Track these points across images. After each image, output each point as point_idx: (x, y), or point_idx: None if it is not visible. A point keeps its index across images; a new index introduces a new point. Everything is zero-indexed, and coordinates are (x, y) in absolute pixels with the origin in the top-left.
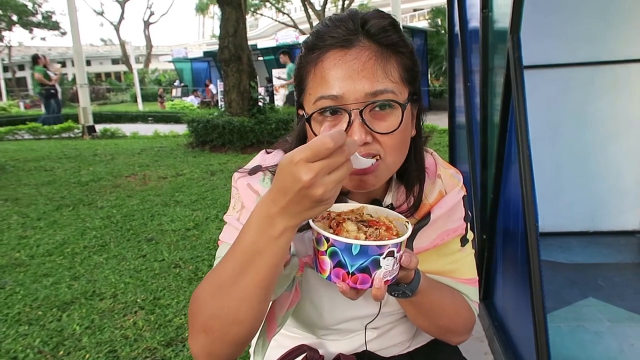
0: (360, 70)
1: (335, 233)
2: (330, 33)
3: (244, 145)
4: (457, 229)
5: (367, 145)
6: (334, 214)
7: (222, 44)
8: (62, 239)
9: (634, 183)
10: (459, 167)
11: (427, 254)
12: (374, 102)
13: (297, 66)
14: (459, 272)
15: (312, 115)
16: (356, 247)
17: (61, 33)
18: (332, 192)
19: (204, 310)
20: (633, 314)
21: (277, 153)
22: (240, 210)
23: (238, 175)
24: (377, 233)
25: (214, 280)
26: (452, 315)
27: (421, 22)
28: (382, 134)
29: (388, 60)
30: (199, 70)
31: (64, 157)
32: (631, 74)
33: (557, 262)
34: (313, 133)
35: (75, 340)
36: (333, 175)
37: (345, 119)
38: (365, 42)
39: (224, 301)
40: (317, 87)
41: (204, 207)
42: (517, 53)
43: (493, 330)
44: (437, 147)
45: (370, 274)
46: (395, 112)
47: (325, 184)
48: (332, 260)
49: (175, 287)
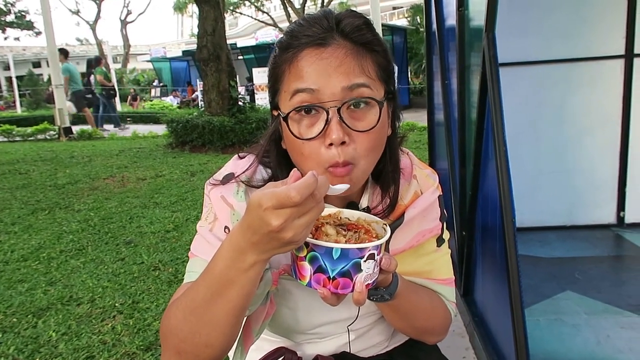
0: (337, 66)
1: (315, 237)
2: (304, 32)
3: (225, 145)
4: (432, 230)
5: (343, 145)
6: None
7: (201, 43)
8: (37, 243)
9: (610, 177)
10: (439, 165)
11: (403, 255)
12: (351, 100)
13: (271, 66)
14: (435, 272)
15: (289, 114)
16: (337, 250)
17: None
18: (303, 234)
19: (176, 332)
20: (609, 306)
21: (249, 158)
22: (213, 222)
23: (211, 186)
24: (357, 236)
25: (186, 305)
26: (430, 317)
27: (401, 20)
28: (360, 131)
29: (364, 57)
30: (178, 70)
31: (39, 160)
32: (606, 70)
33: (536, 257)
34: (290, 132)
35: (52, 347)
36: (303, 219)
37: (323, 118)
38: (341, 41)
39: (195, 326)
40: (292, 83)
41: (184, 208)
42: (493, 51)
43: (473, 326)
44: (417, 145)
45: (351, 278)
46: (372, 110)
47: (295, 228)
48: (312, 266)
49: (154, 290)
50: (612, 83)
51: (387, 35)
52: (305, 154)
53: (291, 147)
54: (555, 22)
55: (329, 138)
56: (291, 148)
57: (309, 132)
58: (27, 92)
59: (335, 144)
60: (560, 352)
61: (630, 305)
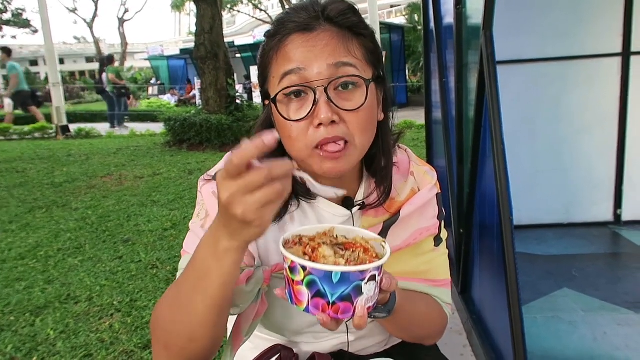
0: (323, 47)
1: (312, 260)
2: (291, 19)
3: (222, 144)
4: (430, 228)
5: (333, 125)
6: (306, 239)
7: (198, 41)
8: (35, 241)
9: (606, 175)
10: (436, 162)
11: (400, 253)
12: (338, 78)
13: (260, 55)
14: (432, 273)
15: (277, 97)
16: (337, 274)
17: (32, 31)
18: (257, 214)
19: (163, 325)
20: (605, 303)
21: None
22: (205, 218)
23: (203, 182)
24: (356, 256)
25: (170, 297)
26: (427, 324)
27: (398, 19)
28: (349, 111)
29: (349, 40)
30: (176, 68)
31: (36, 158)
32: (602, 68)
33: (534, 254)
34: (280, 115)
35: (50, 346)
36: (254, 196)
37: (311, 99)
38: (327, 26)
39: (178, 316)
40: (279, 67)
41: (181, 206)
42: (490, 49)
43: (471, 323)
44: (415, 143)
45: (352, 302)
46: (360, 90)
47: (244, 204)
48: (310, 290)
49: (152, 289)
50: (609, 81)
51: (385, 34)
52: (293, 136)
53: (281, 132)
54: (552, 20)
55: (317, 118)
56: (281, 133)
57: (298, 114)
58: None
59: (324, 124)
60: (557, 349)
61: (627, 302)
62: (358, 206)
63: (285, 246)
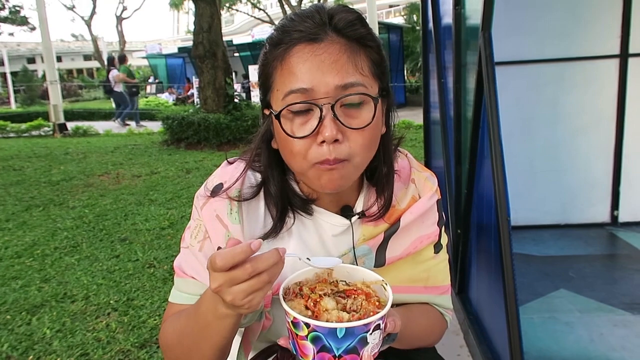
0: (330, 64)
1: (315, 315)
2: (296, 27)
3: (220, 143)
4: (430, 235)
5: (336, 143)
6: (307, 290)
7: (197, 40)
8: (31, 240)
9: (603, 176)
10: (434, 163)
11: (400, 262)
12: (346, 96)
13: (262, 63)
14: (432, 280)
15: (281, 112)
16: (341, 330)
17: (30, 28)
18: (245, 301)
19: (173, 350)
20: (602, 304)
21: (238, 164)
22: (203, 240)
23: (203, 199)
24: (358, 304)
25: (179, 331)
26: (427, 337)
27: (397, 19)
28: (355, 129)
29: (357, 54)
30: (174, 67)
31: (33, 156)
32: (600, 69)
33: (530, 255)
34: (283, 131)
35: (46, 344)
36: (240, 286)
37: (316, 115)
38: (334, 36)
39: (187, 350)
40: (285, 82)
41: (179, 205)
42: (489, 49)
43: (468, 323)
44: (413, 143)
45: (358, 353)
46: (367, 107)
47: (231, 294)
48: (315, 345)
49: (149, 288)
50: (607, 83)
51: (384, 34)
52: (294, 152)
53: (282, 146)
54: (550, 21)
55: (321, 135)
56: (282, 146)
57: (302, 130)
58: (21, 88)
59: (327, 142)
60: (553, 350)
61: (624, 303)
62: (357, 215)
63: (285, 297)
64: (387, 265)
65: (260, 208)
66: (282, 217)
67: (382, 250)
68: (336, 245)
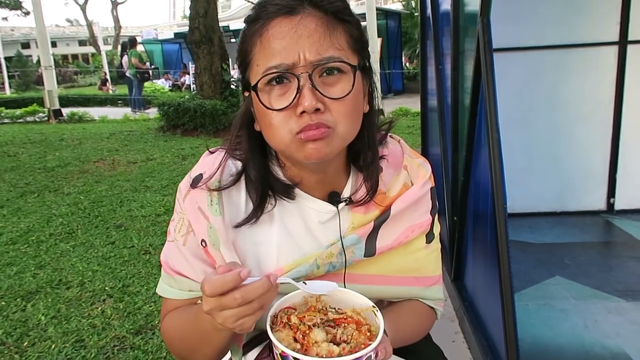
0: (307, 37)
1: (304, 348)
2: (272, 1)
3: (216, 129)
4: (422, 225)
5: (317, 112)
6: (295, 320)
7: (193, 25)
8: (26, 226)
9: (600, 164)
10: (431, 150)
11: (391, 253)
12: (324, 64)
13: (241, 41)
14: (423, 270)
15: (259, 86)
16: None
17: (24, 13)
18: (236, 324)
19: (176, 347)
20: (597, 291)
21: (218, 154)
22: (186, 234)
23: (184, 191)
24: (349, 333)
25: (180, 332)
26: (417, 335)
27: (395, 5)
28: (334, 99)
29: (335, 27)
30: (170, 52)
31: (28, 142)
32: (600, 56)
33: (527, 242)
34: (261, 104)
35: (41, 331)
36: (229, 312)
37: (295, 86)
38: (311, 9)
39: (189, 349)
40: (263, 58)
41: (175, 192)
42: (487, 36)
43: (463, 310)
44: (410, 130)
45: None
46: (345, 77)
47: (222, 317)
48: None
49: (145, 274)
50: (605, 70)
51: (381, 19)
52: (274, 124)
53: (262, 121)
54: (549, 8)
55: (301, 106)
56: (262, 122)
57: (281, 102)
58: (16, 74)
59: (308, 111)
60: (548, 337)
61: (619, 290)
62: (344, 202)
63: (272, 327)
64: (377, 255)
65: (241, 196)
66: (262, 201)
67: (372, 240)
68: (324, 233)
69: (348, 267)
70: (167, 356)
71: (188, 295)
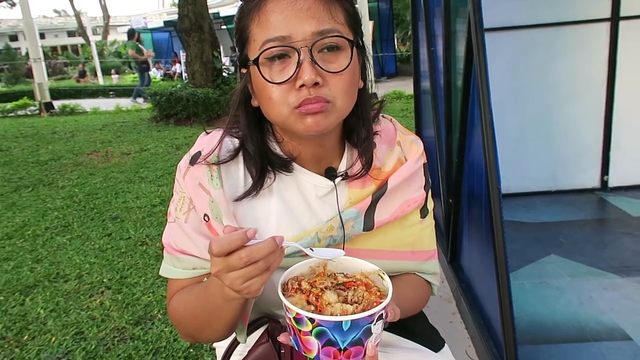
0: (306, 10)
1: (318, 309)
2: None
3: (210, 118)
4: (417, 199)
5: (316, 86)
6: (306, 285)
7: (182, 13)
8: (22, 221)
9: (593, 142)
10: (425, 132)
11: (387, 227)
12: (323, 38)
13: (238, 17)
14: (418, 244)
15: (259, 60)
16: (347, 322)
17: (10, 4)
18: (242, 287)
19: (185, 325)
20: (592, 268)
21: (215, 134)
22: (188, 212)
23: (184, 169)
24: (360, 295)
25: (191, 309)
26: (415, 308)
27: None
28: (333, 72)
29: (332, 2)
30: (160, 41)
31: (20, 136)
32: (592, 33)
33: (522, 222)
34: (262, 77)
35: (40, 324)
36: (235, 273)
37: (295, 60)
38: None
39: (199, 325)
40: (262, 31)
41: (170, 182)
42: (478, 15)
43: (460, 291)
44: (404, 113)
45: (363, 344)
46: (344, 52)
47: (229, 279)
48: (320, 340)
49: (142, 265)
50: (598, 47)
51: (373, 2)
52: (274, 98)
53: (261, 96)
54: None
55: (300, 79)
56: (261, 96)
57: (281, 76)
58: (5, 67)
59: (307, 85)
60: (544, 314)
61: (613, 267)
62: (341, 176)
63: (285, 293)
64: (375, 230)
65: (239, 170)
66: (261, 175)
67: (371, 214)
68: (322, 207)
69: (347, 241)
70: (166, 345)
71: (192, 273)
